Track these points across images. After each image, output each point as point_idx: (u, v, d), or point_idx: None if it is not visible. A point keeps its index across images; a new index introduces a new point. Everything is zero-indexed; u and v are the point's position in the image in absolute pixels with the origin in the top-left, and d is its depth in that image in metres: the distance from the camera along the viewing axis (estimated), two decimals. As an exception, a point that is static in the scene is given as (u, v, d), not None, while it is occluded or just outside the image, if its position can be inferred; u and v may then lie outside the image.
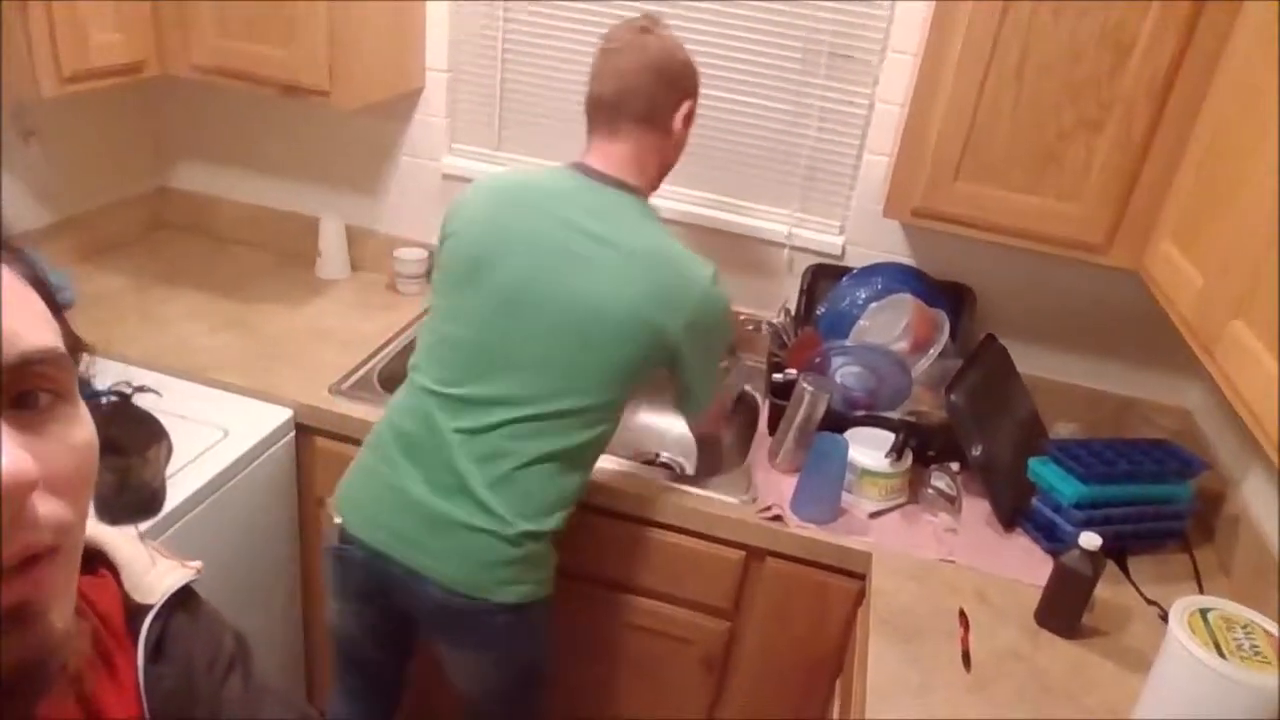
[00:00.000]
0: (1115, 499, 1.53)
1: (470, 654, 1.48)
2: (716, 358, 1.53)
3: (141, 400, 1.74)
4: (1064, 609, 1.38)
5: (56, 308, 0.50)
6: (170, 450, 1.52)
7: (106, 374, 1.94)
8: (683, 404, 1.53)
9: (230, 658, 0.68)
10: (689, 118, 1.47)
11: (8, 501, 0.41)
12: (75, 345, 0.50)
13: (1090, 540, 1.32)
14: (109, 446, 1.51)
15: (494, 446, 1.36)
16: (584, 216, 1.36)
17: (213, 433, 1.62)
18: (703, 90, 1.88)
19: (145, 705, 0.59)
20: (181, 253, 2.24)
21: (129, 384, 1.88)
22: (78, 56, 1.60)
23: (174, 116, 2.24)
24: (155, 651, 0.61)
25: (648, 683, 1.78)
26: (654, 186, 1.49)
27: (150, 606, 0.61)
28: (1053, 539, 1.54)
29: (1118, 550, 1.53)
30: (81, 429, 0.49)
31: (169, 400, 1.61)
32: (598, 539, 1.65)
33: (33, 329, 0.46)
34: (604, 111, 1.42)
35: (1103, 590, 1.40)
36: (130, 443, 1.48)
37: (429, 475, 1.37)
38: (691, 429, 1.71)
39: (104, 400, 1.70)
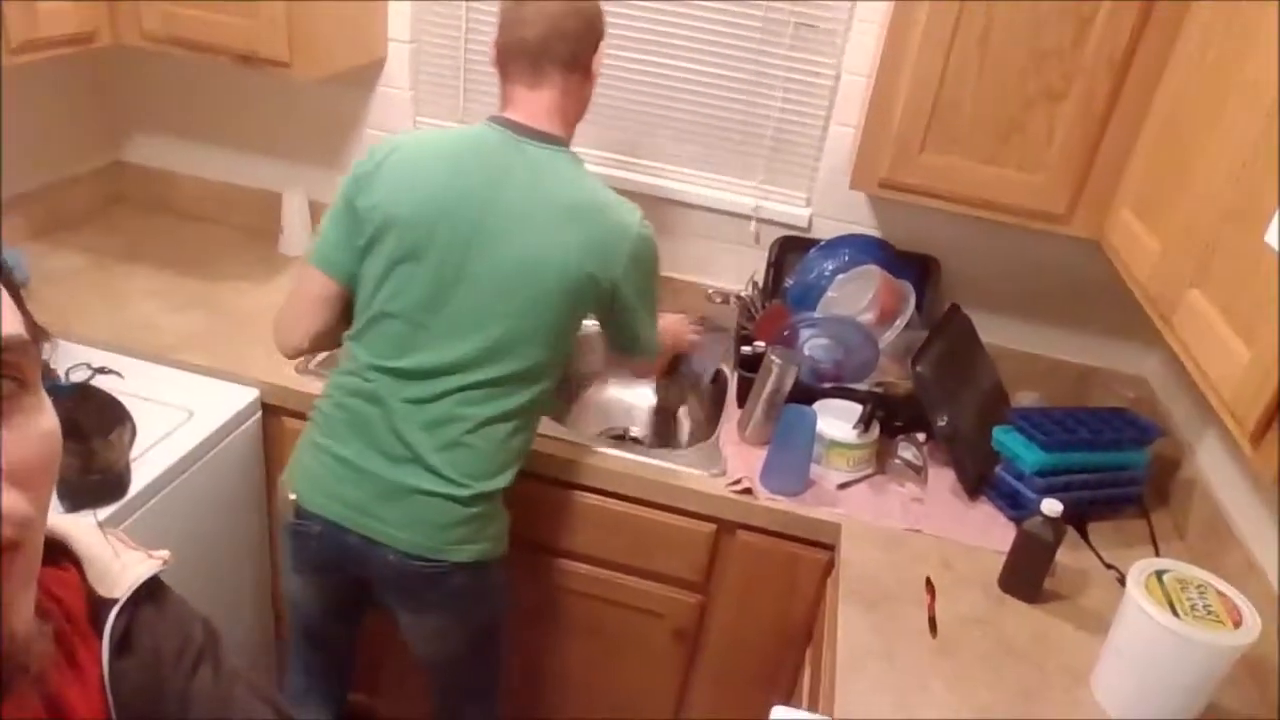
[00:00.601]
0: (1075, 466, 1.56)
1: (432, 617, 1.49)
2: (655, 298, 1.51)
3: (103, 382, 1.71)
4: (1026, 575, 1.41)
5: (19, 296, 0.50)
6: (134, 433, 1.51)
7: (66, 356, 1.90)
8: (631, 351, 1.53)
9: (199, 649, 0.66)
10: (599, 61, 1.45)
11: None
12: (36, 333, 0.50)
13: (1052, 507, 1.35)
14: (71, 430, 1.47)
15: (443, 413, 1.36)
16: (513, 176, 1.34)
17: (177, 414, 1.60)
18: (665, 60, 1.88)
19: (111, 702, 0.58)
20: (140, 229, 2.19)
21: (89, 366, 1.84)
22: (26, 25, 1.54)
23: (129, 88, 2.18)
24: (121, 646, 0.60)
25: (620, 656, 1.80)
26: (572, 133, 1.46)
27: (115, 600, 0.60)
28: (1016, 507, 1.57)
29: (1078, 517, 1.57)
30: (44, 418, 0.48)
31: (131, 382, 1.62)
32: (568, 514, 1.66)
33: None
34: (527, 58, 1.37)
35: (1064, 556, 1.44)
36: (93, 426, 1.46)
37: (379, 446, 1.37)
38: (640, 374, 1.74)
39: (65, 383, 1.66)
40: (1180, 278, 1.19)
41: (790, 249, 1.97)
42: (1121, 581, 1.39)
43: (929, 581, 1.42)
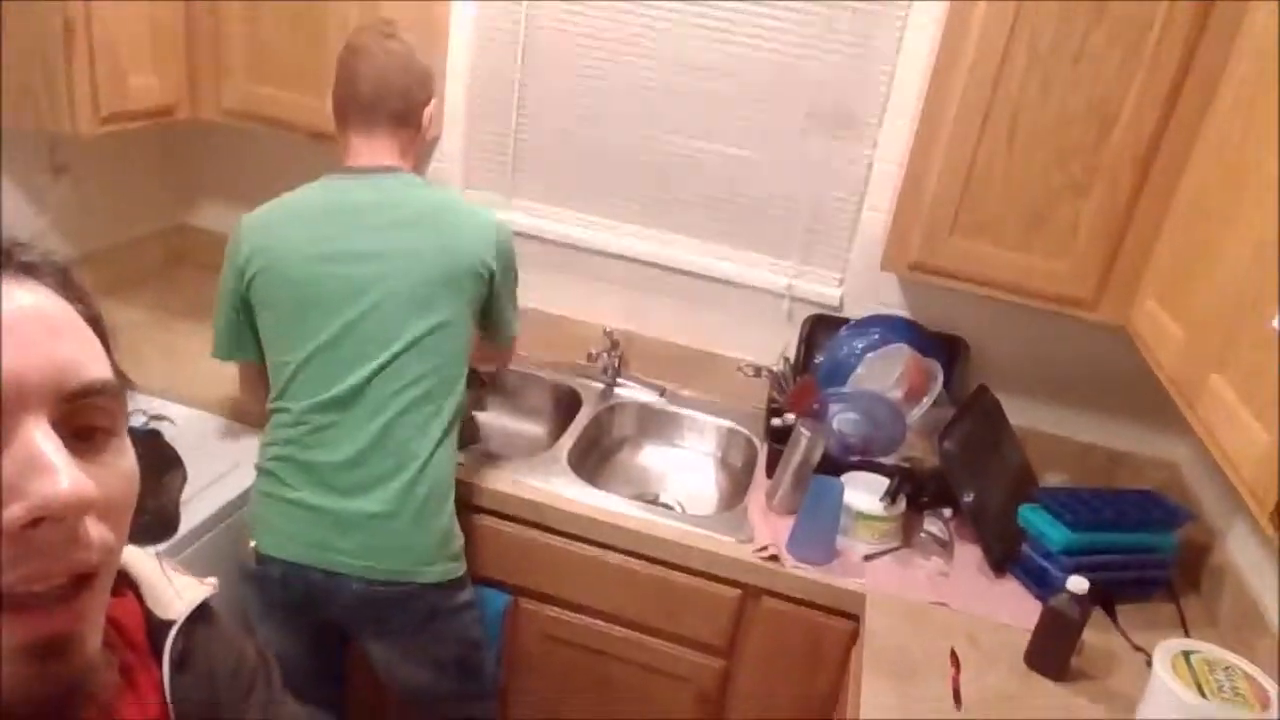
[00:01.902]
0: (1102, 546, 1.57)
1: (407, 642, 1.53)
2: (516, 284, 1.63)
3: (158, 429, 1.78)
4: (1053, 652, 1.41)
5: (109, 346, 0.55)
6: (185, 478, 1.58)
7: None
8: (498, 338, 1.65)
9: (253, 670, 0.70)
10: (432, 117, 1.58)
11: (67, 519, 0.45)
12: (124, 382, 0.54)
13: (1078, 584, 1.36)
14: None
15: (381, 438, 1.44)
16: (374, 205, 1.48)
17: (224, 463, 1.66)
18: (709, 144, 1.98)
19: (173, 717, 0.61)
20: (199, 289, 2.29)
21: (145, 413, 1.93)
22: (116, 98, 1.67)
23: (195, 156, 2.31)
24: (180, 665, 0.63)
25: (643, 718, 1.80)
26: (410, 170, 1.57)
27: (173, 622, 0.63)
28: (1042, 584, 1.58)
29: (1105, 597, 1.57)
30: (128, 459, 0.52)
31: (184, 430, 1.69)
32: (595, 573, 1.69)
33: (93, 362, 0.50)
34: (360, 113, 1.50)
35: (1091, 636, 1.44)
36: (148, 469, 1.52)
37: (326, 482, 1.44)
38: (500, 363, 1.85)
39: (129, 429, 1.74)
40: (1203, 363, 1.23)
41: (822, 327, 2.03)
42: (1149, 664, 1.39)
43: (954, 654, 1.43)
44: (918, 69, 1.79)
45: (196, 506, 1.54)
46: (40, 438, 0.45)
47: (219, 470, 1.64)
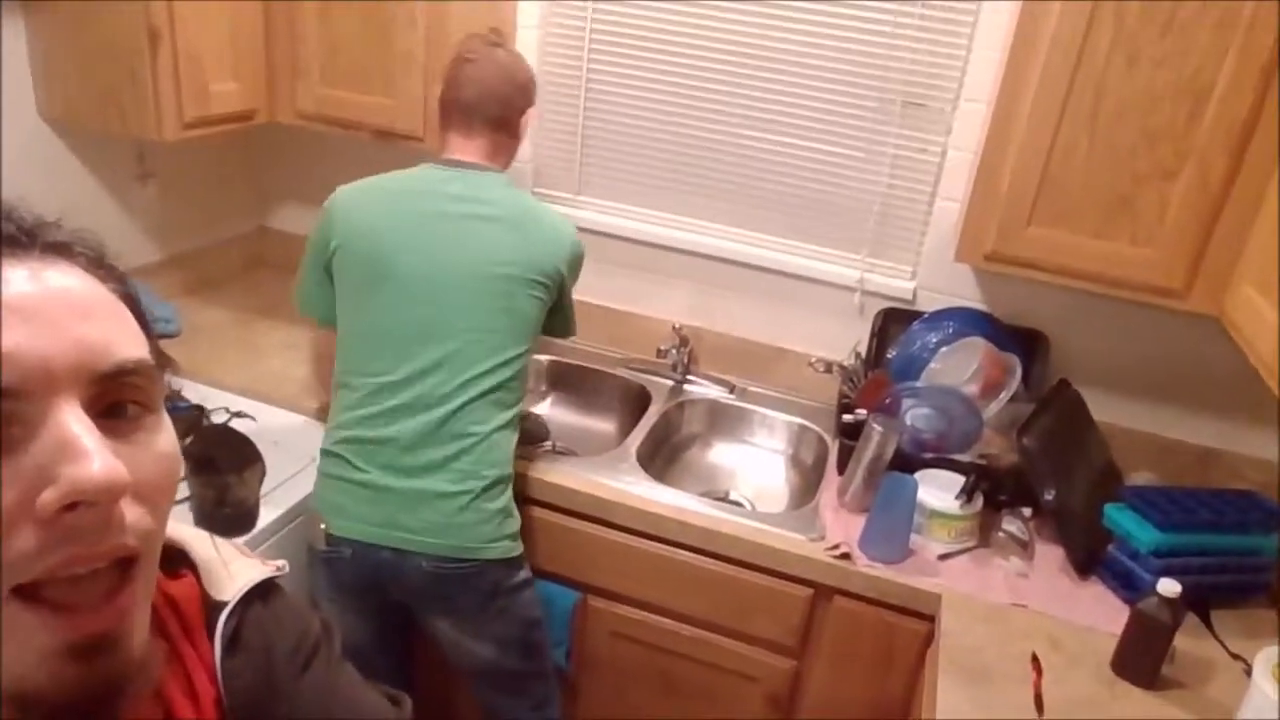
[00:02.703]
0: (1195, 548, 1.49)
1: (472, 620, 1.56)
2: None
3: (239, 425, 1.84)
4: (1142, 658, 1.35)
5: (146, 324, 0.54)
6: (264, 473, 1.62)
7: (206, 400, 2.05)
8: (564, 330, 1.74)
9: (314, 644, 0.70)
10: (527, 123, 1.65)
11: (100, 504, 0.44)
12: (162, 361, 0.53)
13: (1169, 587, 1.30)
14: (210, 466, 1.58)
15: (446, 416, 1.48)
16: (461, 197, 1.54)
17: (303, 458, 1.70)
18: (778, 137, 1.96)
19: (225, 698, 0.61)
20: (278, 289, 2.36)
21: (227, 409, 1.99)
22: (199, 104, 1.73)
23: (272, 161, 2.38)
24: (231, 645, 0.63)
25: (713, 718, 1.78)
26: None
27: (225, 603, 0.63)
28: (1130, 587, 1.51)
29: (1199, 602, 1.49)
30: (165, 438, 0.51)
31: (264, 426, 1.73)
32: (665, 572, 1.68)
33: (126, 342, 0.50)
34: (461, 114, 1.58)
35: (1183, 642, 1.37)
36: (229, 463, 1.57)
37: (393, 463, 1.48)
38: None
39: (208, 422, 1.79)
40: (1305, 352, 1.16)
41: (894, 321, 1.98)
42: (1248, 672, 1.32)
43: (1035, 658, 1.38)
44: (994, 49, 1.73)
45: (275, 500, 1.58)
46: (72, 421, 0.45)
47: (298, 465, 1.68)
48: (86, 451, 0.44)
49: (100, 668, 0.46)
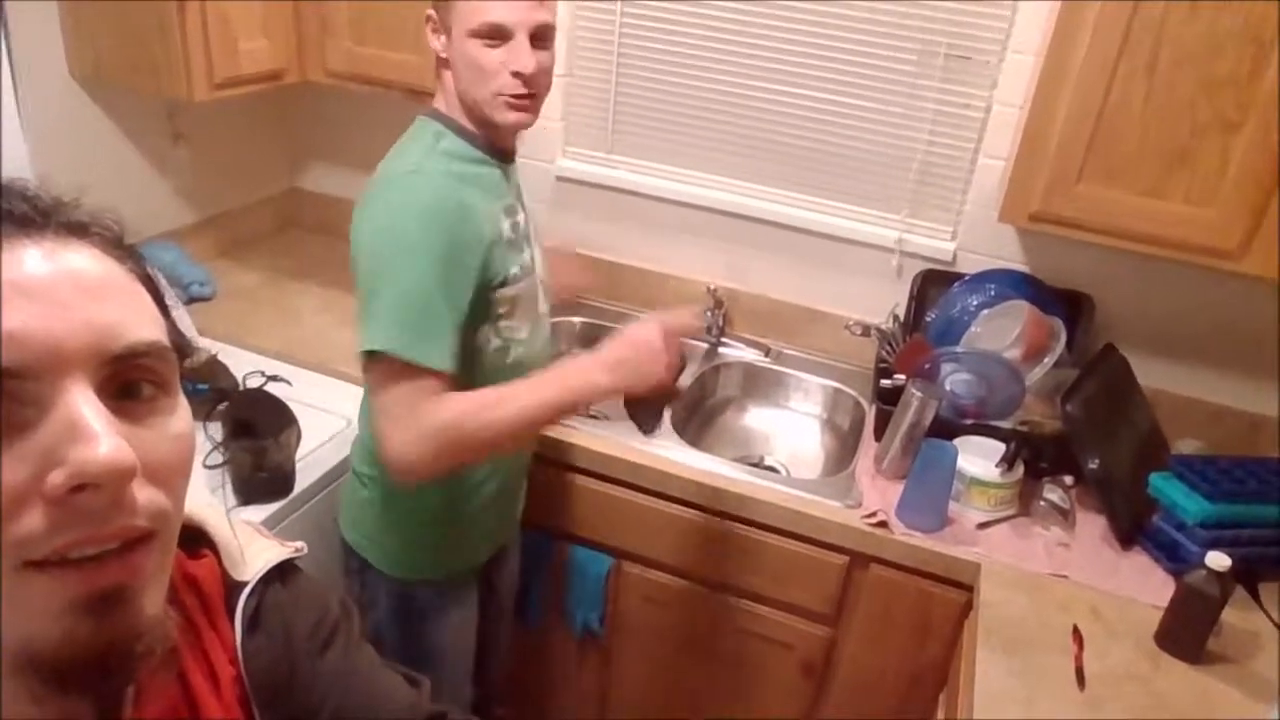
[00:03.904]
0: (1245, 519, 1.45)
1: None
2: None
3: (274, 388, 1.84)
4: (1188, 632, 1.32)
5: (164, 305, 0.54)
6: (299, 436, 1.62)
7: (242, 363, 2.06)
8: None
9: (334, 624, 0.70)
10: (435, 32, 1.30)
11: (107, 487, 0.44)
12: (179, 342, 0.53)
13: (1218, 560, 1.26)
14: (247, 430, 1.58)
15: None
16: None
17: (338, 421, 1.70)
18: (813, 93, 1.90)
19: (245, 676, 0.62)
20: (311, 251, 2.36)
21: (263, 373, 1.99)
22: (228, 63, 1.71)
23: (304, 121, 2.36)
24: (251, 625, 0.64)
25: (746, 685, 1.78)
26: (465, 114, 1.29)
27: (245, 584, 0.64)
28: (1175, 559, 1.47)
29: (1249, 575, 1.45)
30: (180, 420, 0.51)
31: (299, 389, 1.74)
32: (699, 538, 1.67)
33: (140, 323, 0.49)
34: None
35: (1231, 615, 1.34)
36: (265, 428, 1.58)
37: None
38: None
39: (241, 388, 1.79)
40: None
41: (933, 283, 1.93)
42: (1297, 647, 1.29)
43: (1076, 630, 1.35)
44: (1044, -2, 1.65)
45: (312, 464, 1.59)
46: (81, 403, 0.45)
47: (334, 429, 1.68)
48: (94, 434, 0.44)
49: (112, 624, 0.46)
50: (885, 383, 1.74)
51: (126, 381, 0.48)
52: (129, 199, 1.67)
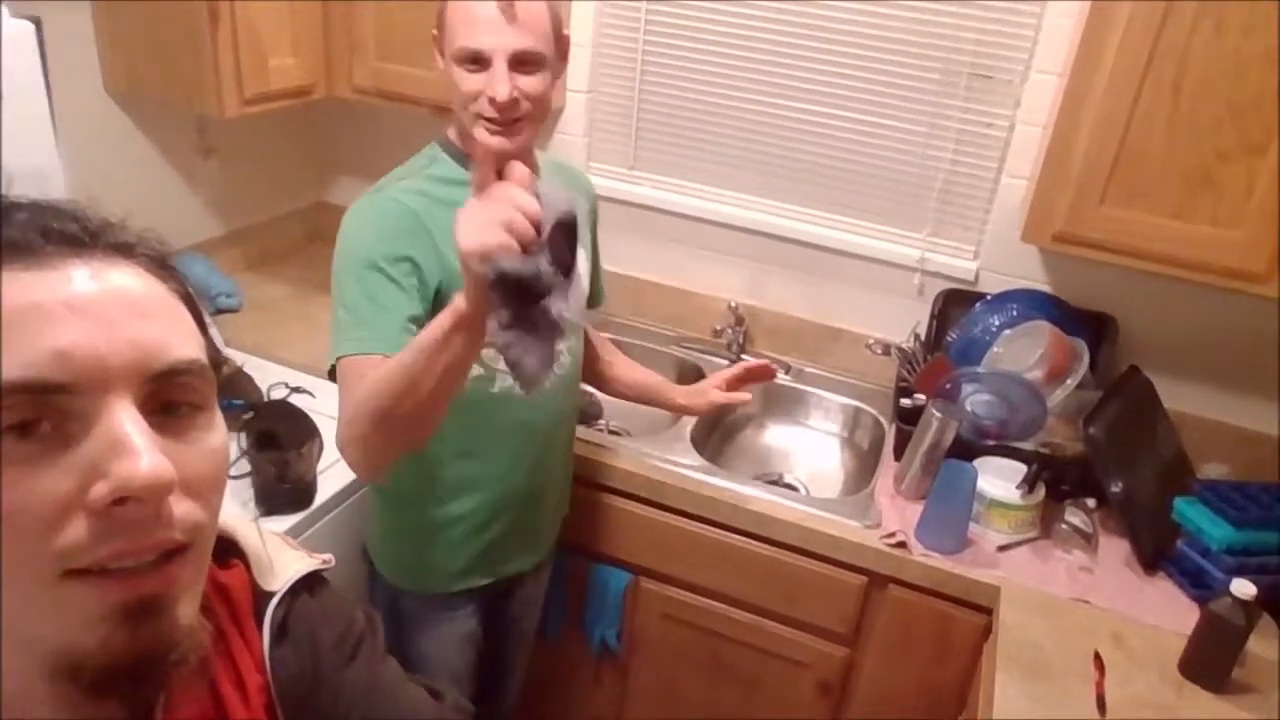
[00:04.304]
0: (1272, 546, 1.43)
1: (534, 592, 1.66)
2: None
3: (298, 400, 1.86)
4: (1212, 660, 1.30)
5: (203, 324, 0.55)
6: (322, 447, 1.63)
7: (267, 375, 2.08)
8: None
9: (359, 636, 0.71)
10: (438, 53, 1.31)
11: (148, 500, 0.46)
12: (216, 360, 0.55)
13: (1244, 588, 1.24)
14: (271, 442, 1.60)
15: None
16: None
17: (359, 433, 1.71)
18: (836, 111, 1.90)
19: (271, 686, 0.63)
20: (335, 264, 2.39)
21: (287, 385, 2.01)
22: (258, 79, 1.75)
23: (330, 136, 2.40)
24: (279, 635, 0.65)
25: (763, 703, 1.77)
26: (460, 129, 1.33)
27: (274, 593, 0.65)
28: (1199, 585, 1.45)
29: (1275, 602, 1.43)
30: (217, 435, 0.53)
31: (322, 401, 1.75)
32: (717, 555, 1.67)
33: (181, 342, 0.51)
34: None
35: (1257, 645, 1.32)
36: (288, 439, 1.59)
37: None
38: None
39: (266, 399, 1.81)
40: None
41: (955, 302, 1.92)
42: (1325, 678, 1.26)
43: (1097, 656, 1.33)
44: (1068, 16, 1.65)
45: (333, 476, 1.60)
46: (124, 419, 0.46)
47: (352, 441, 1.69)
48: (136, 450, 0.46)
49: (147, 632, 0.48)
50: (905, 402, 1.74)
51: (167, 399, 0.50)
52: (160, 211, 1.71)
